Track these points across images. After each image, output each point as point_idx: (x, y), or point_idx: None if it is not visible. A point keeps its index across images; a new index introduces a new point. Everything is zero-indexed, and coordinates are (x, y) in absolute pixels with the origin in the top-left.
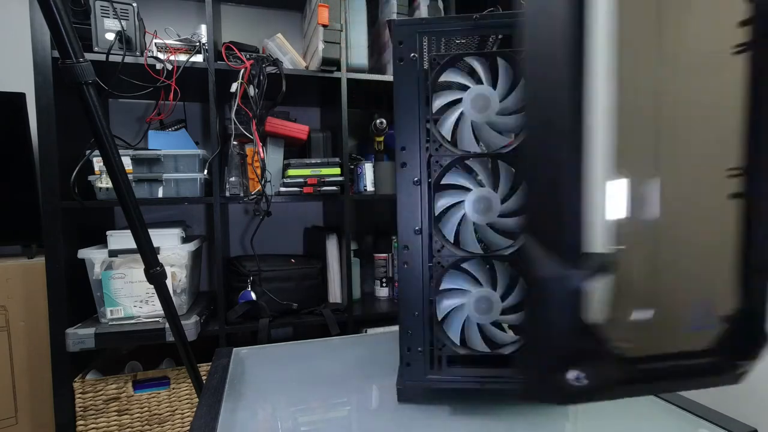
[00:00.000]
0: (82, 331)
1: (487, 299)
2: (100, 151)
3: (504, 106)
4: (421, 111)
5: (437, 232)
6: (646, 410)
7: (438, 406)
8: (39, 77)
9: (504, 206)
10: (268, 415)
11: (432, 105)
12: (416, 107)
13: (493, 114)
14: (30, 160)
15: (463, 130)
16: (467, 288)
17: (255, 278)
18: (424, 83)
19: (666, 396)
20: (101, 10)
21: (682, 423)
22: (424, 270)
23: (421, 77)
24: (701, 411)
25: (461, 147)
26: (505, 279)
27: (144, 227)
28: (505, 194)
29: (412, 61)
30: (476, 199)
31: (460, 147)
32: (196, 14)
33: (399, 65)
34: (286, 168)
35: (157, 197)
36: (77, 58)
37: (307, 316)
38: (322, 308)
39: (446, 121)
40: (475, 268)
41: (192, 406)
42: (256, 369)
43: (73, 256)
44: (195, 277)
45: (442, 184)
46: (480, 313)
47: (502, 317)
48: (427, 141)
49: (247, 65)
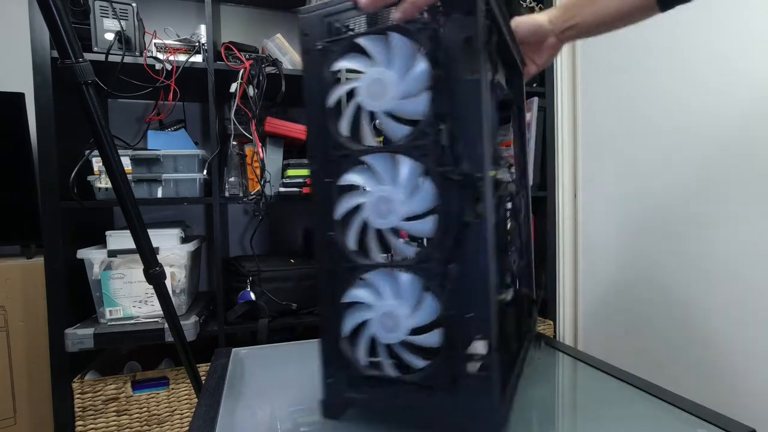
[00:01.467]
0: (81, 332)
1: (392, 315)
2: (100, 151)
3: (405, 89)
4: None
5: (339, 239)
6: (646, 410)
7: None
8: (38, 77)
9: (408, 208)
10: (267, 416)
11: (328, 99)
12: (322, 103)
13: (395, 100)
14: (29, 160)
15: (362, 123)
16: (371, 302)
17: (254, 278)
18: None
19: (665, 396)
20: (100, 10)
21: (681, 423)
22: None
23: (326, 70)
24: (700, 411)
25: (364, 142)
26: (414, 292)
27: (143, 227)
28: (408, 194)
29: (318, 52)
30: (374, 202)
31: (364, 143)
32: (195, 14)
33: (305, 59)
34: (285, 168)
35: (156, 197)
36: (76, 58)
37: (306, 316)
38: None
39: (346, 115)
40: (382, 279)
41: (191, 406)
42: (256, 369)
43: (72, 256)
44: (194, 277)
45: (342, 185)
46: (386, 330)
47: (411, 337)
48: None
49: (247, 65)
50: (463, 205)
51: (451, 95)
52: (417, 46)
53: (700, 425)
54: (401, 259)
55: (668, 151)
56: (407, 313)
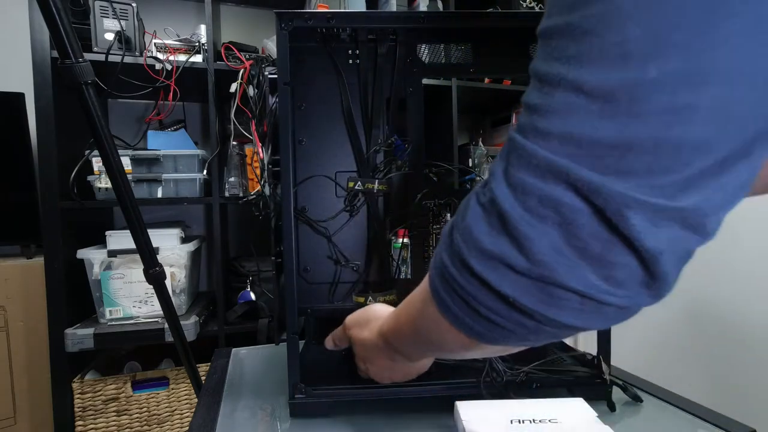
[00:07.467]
0: (81, 332)
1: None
2: (100, 151)
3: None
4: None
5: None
6: (645, 410)
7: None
8: (38, 77)
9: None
10: (266, 416)
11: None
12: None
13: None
14: (29, 160)
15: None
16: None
17: (254, 278)
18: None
19: (665, 396)
20: (100, 10)
21: (681, 423)
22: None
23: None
24: (701, 411)
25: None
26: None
27: (143, 227)
28: None
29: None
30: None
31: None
32: (195, 14)
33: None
34: None
35: (156, 197)
36: (76, 58)
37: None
38: None
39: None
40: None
41: (191, 406)
42: (256, 369)
43: (72, 256)
44: (194, 277)
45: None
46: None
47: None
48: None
49: (247, 65)
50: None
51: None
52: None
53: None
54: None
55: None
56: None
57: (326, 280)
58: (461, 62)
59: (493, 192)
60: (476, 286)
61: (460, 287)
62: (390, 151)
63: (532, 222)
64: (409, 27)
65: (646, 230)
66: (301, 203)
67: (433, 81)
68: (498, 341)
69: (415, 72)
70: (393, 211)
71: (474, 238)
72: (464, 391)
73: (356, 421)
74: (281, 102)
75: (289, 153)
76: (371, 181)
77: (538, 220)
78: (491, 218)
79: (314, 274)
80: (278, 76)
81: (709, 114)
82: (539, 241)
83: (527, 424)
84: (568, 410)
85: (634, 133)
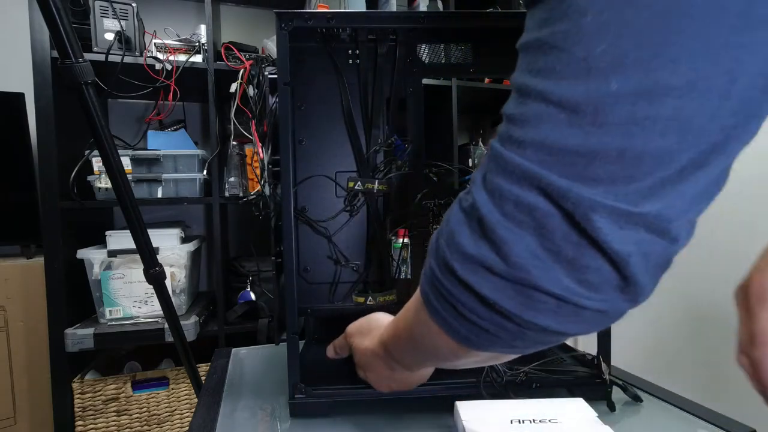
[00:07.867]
0: (81, 332)
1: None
2: (100, 151)
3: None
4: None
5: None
6: (645, 410)
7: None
8: (38, 77)
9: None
10: (266, 416)
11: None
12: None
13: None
14: (29, 160)
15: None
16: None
17: (254, 278)
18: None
19: (665, 396)
20: (100, 10)
21: (681, 423)
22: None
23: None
24: (701, 411)
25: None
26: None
27: (143, 227)
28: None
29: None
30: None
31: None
32: (195, 14)
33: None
34: None
35: (156, 197)
36: (76, 58)
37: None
38: None
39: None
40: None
41: (191, 406)
42: (256, 369)
43: (72, 256)
44: (194, 277)
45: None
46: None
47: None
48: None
49: (247, 65)
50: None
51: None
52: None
53: (700, 425)
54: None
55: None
56: None
57: (326, 280)
58: (461, 62)
59: (474, 197)
60: (460, 289)
61: (447, 291)
62: (390, 151)
63: (509, 226)
64: (409, 27)
65: (612, 233)
66: (301, 203)
67: (433, 81)
68: (485, 346)
69: (415, 72)
70: (393, 211)
71: (456, 242)
72: (464, 391)
73: (356, 421)
74: (281, 102)
75: (289, 153)
76: (371, 181)
77: (515, 225)
78: (472, 223)
79: (314, 274)
80: (278, 76)
81: (668, 125)
82: (516, 244)
83: (527, 424)
84: (568, 410)
85: (599, 142)
